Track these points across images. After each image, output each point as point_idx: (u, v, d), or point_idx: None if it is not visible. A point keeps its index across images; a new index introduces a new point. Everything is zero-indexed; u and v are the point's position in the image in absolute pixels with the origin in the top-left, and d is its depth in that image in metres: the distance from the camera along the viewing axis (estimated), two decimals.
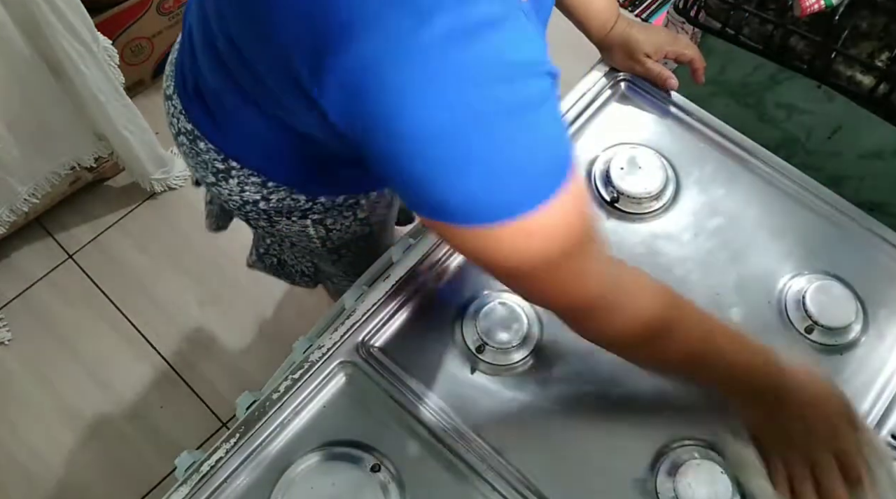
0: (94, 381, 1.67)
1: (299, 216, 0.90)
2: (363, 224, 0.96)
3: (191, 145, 0.86)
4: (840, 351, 0.81)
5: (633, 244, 0.86)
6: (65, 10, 1.37)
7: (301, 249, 1.05)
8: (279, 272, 1.22)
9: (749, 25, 0.98)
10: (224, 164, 0.84)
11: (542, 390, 0.78)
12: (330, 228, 0.94)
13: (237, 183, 0.86)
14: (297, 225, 0.92)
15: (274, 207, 0.88)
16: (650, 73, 0.94)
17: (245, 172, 0.84)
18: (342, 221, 0.94)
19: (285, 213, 0.89)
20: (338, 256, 1.03)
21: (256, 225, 0.96)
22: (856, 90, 0.94)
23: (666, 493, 0.73)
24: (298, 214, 0.90)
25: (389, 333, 0.80)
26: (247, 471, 0.73)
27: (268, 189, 0.85)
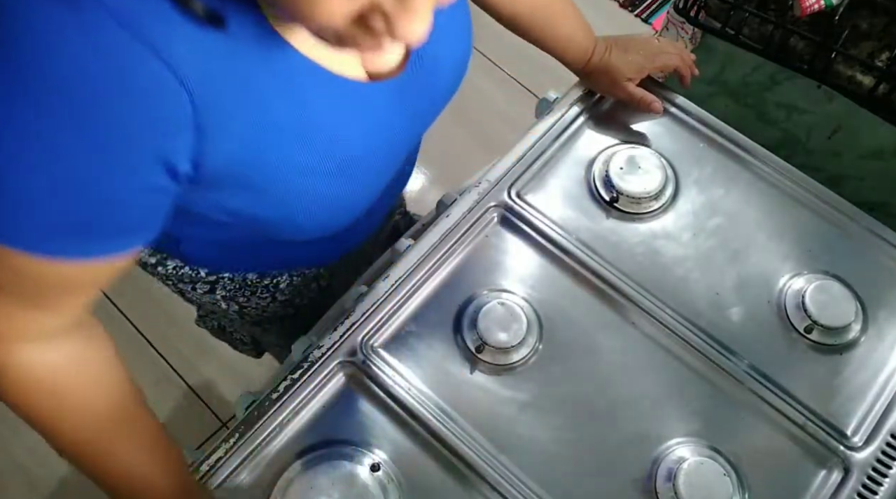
0: None
1: (206, 290, 0.85)
2: (286, 305, 0.90)
3: None
4: (840, 351, 0.81)
5: (633, 244, 0.86)
6: None
7: (224, 323, 0.98)
8: (221, 337, 1.16)
9: (749, 25, 0.98)
10: None
11: (541, 390, 0.78)
12: (244, 305, 0.88)
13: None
14: (207, 298, 0.86)
15: (174, 273, 0.83)
16: (633, 98, 0.91)
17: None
18: (258, 301, 0.88)
19: (188, 281, 0.84)
20: (263, 329, 0.97)
21: (174, 292, 0.89)
22: (856, 90, 0.94)
23: (666, 493, 0.73)
24: (204, 286, 0.84)
25: (389, 333, 0.80)
26: (246, 471, 0.73)
27: (161, 253, 0.81)
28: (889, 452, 0.76)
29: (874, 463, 0.75)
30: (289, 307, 0.92)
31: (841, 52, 0.92)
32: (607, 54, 0.90)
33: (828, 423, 0.77)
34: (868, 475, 0.75)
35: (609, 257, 0.85)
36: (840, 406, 0.78)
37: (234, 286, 0.86)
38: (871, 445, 0.76)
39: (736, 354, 0.80)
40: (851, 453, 0.76)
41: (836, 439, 0.76)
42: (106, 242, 0.50)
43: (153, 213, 0.51)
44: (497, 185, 0.87)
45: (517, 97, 2.04)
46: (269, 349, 1.16)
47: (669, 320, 0.81)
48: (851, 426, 0.77)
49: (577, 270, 0.84)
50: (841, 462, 0.75)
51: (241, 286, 0.86)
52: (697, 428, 0.77)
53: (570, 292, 0.83)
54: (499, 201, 0.87)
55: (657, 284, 0.83)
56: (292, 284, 0.88)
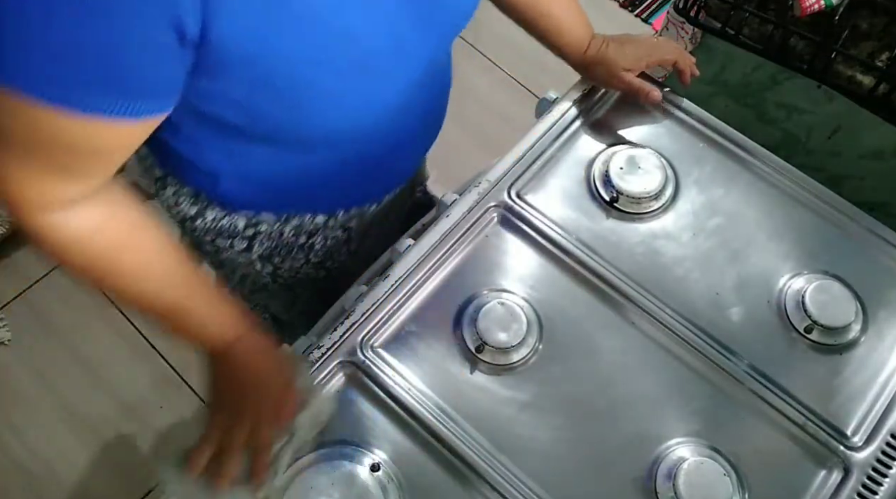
0: (94, 381, 1.67)
1: (243, 247, 0.86)
2: (318, 267, 0.92)
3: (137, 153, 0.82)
4: (840, 351, 0.81)
5: (633, 244, 0.86)
6: None
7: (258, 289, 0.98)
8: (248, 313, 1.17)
9: (749, 25, 0.98)
10: (161, 170, 0.82)
11: (541, 390, 0.78)
12: (278, 265, 0.89)
13: (173, 193, 0.83)
14: (243, 257, 0.88)
15: (212, 227, 0.84)
16: (631, 87, 0.91)
17: (178, 178, 0.81)
18: (292, 262, 0.89)
19: (227, 236, 0.85)
20: (294, 295, 0.98)
21: (205, 253, 0.90)
22: (856, 90, 0.94)
23: (666, 493, 0.73)
24: (242, 241, 0.85)
25: (389, 333, 0.80)
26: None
27: (202, 202, 0.82)
28: (889, 452, 0.76)
29: (874, 463, 0.75)
30: (320, 269, 0.93)
31: (841, 52, 0.92)
32: (604, 47, 0.90)
33: (828, 423, 0.77)
34: (868, 475, 0.75)
35: (609, 257, 0.85)
36: (840, 406, 0.78)
37: (271, 244, 0.87)
38: (871, 445, 0.76)
39: (736, 354, 0.80)
40: (851, 453, 0.76)
41: (836, 439, 0.76)
42: (131, 102, 0.53)
43: (169, 76, 0.53)
44: (497, 185, 0.87)
45: (517, 97, 2.03)
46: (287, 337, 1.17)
47: (669, 320, 0.81)
48: (851, 426, 0.77)
49: (577, 270, 0.84)
50: (841, 462, 0.75)
51: (277, 245, 0.87)
52: (697, 428, 0.77)
53: (570, 292, 0.83)
54: (499, 201, 0.86)
55: (657, 284, 0.83)
56: (326, 245, 0.90)
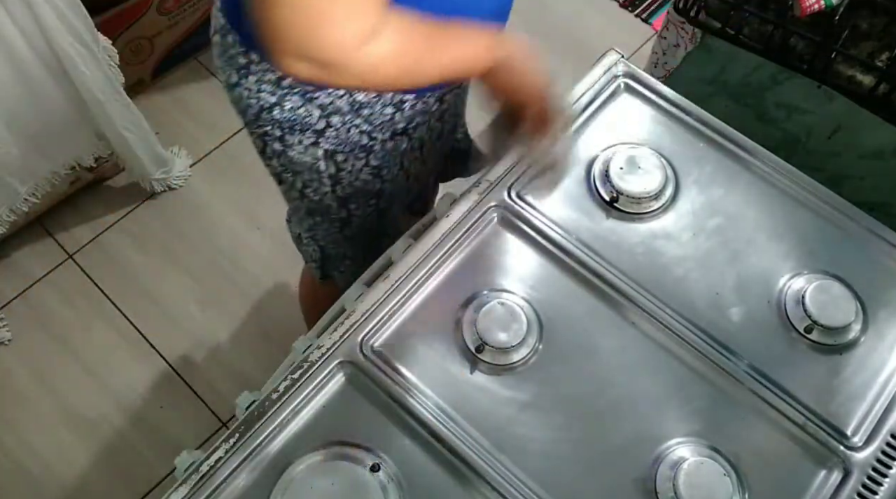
0: (94, 381, 1.67)
1: (311, 141, 0.91)
2: (375, 175, 0.97)
3: (222, 41, 0.89)
4: (840, 351, 0.81)
5: (633, 244, 0.86)
6: (65, 10, 1.37)
7: (313, 208, 1.05)
8: (298, 246, 1.23)
9: (749, 25, 0.98)
10: (245, 57, 0.86)
11: (542, 390, 0.78)
12: (341, 166, 0.95)
13: (255, 80, 0.87)
14: (309, 154, 0.93)
15: (287, 118, 0.89)
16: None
17: (263, 66, 0.86)
18: (353, 162, 0.95)
19: (299, 128, 0.90)
20: (347, 213, 1.03)
21: (272, 156, 0.97)
22: (856, 90, 0.95)
23: (666, 493, 0.73)
24: (311, 135, 0.91)
25: (389, 333, 0.80)
26: (246, 471, 0.73)
27: (283, 90, 0.86)
28: (889, 452, 0.76)
29: (874, 463, 0.75)
30: (377, 179, 0.99)
31: (841, 52, 0.92)
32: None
33: (828, 423, 0.77)
34: (868, 475, 0.75)
35: (609, 257, 0.85)
36: (840, 406, 0.78)
37: (337, 141, 0.91)
38: (871, 445, 0.76)
39: (736, 354, 0.80)
40: (851, 453, 0.76)
41: (836, 439, 0.76)
42: None
43: None
44: (497, 185, 0.87)
45: None
46: (334, 270, 1.21)
47: (669, 320, 0.81)
48: (851, 426, 0.77)
49: (577, 270, 0.84)
50: (841, 462, 0.75)
51: (343, 142, 0.91)
52: (697, 428, 0.77)
53: (570, 292, 0.83)
54: (499, 201, 0.87)
55: (657, 284, 0.83)
56: (384, 149, 0.95)
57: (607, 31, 2.16)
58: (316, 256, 1.18)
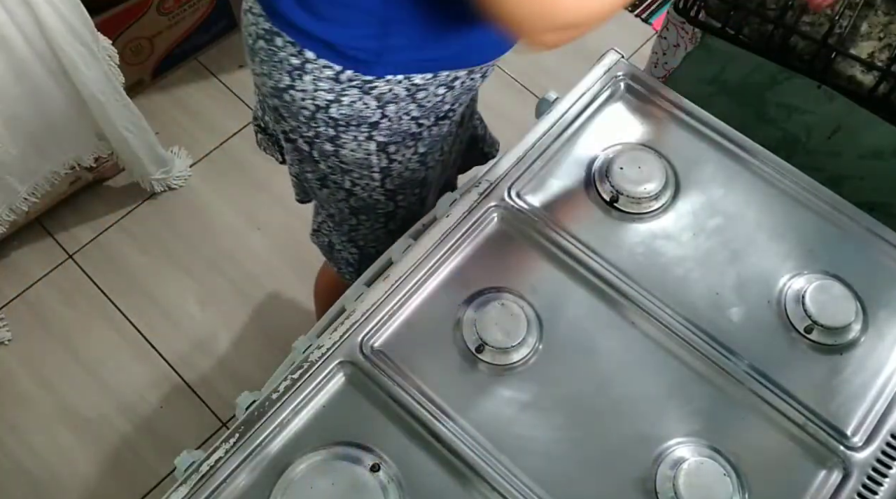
0: (94, 381, 1.67)
1: (365, 135, 0.92)
2: (421, 163, 1.00)
3: (268, 46, 0.89)
4: (840, 351, 0.81)
5: (633, 244, 0.86)
6: (65, 10, 1.37)
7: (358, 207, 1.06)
8: (330, 256, 1.24)
9: (749, 25, 0.98)
10: (299, 58, 0.87)
11: (541, 390, 0.78)
12: (392, 156, 0.96)
13: (311, 80, 0.88)
14: (362, 149, 0.94)
15: (344, 114, 0.90)
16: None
17: (320, 62, 0.86)
18: (404, 151, 0.97)
19: (354, 124, 0.91)
20: (394, 206, 1.05)
21: (320, 159, 0.98)
22: (856, 90, 0.95)
23: (666, 493, 0.73)
24: (366, 128, 0.92)
25: (389, 333, 0.80)
26: (246, 471, 0.73)
27: (341, 85, 0.87)
28: (889, 452, 0.76)
29: (874, 463, 0.75)
30: (422, 166, 1.01)
31: (841, 52, 0.92)
32: None
33: (828, 423, 0.77)
34: (868, 475, 0.75)
35: (609, 257, 0.85)
36: (840, 406, 0.78)
37: (390, 131, 0.93)
38: (871, 445, 0.76)
39: (736, 354, 0.80)
40: (851, 453, 0.76)
41: (836, 439, 0.76)
42: None
43: None
44: (497, 185, 0.87)
45: (517, 97, 2.04)
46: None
47: (669, 320, 0.81)
48: (851, 426, 0.77)
49: (576, 270, 0.84)
50: (841, 462, 0.75)
51: (395, 132, 0.93)
52: (697, 428, 0.77)
53: (570, 292, 0.83)
54: (499, 201, 0.87)
55: (657, 284, 0.83)
56: (431, 136, 0.97)
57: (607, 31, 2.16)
58: (353, 259, 1.19)
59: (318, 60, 0.87)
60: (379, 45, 0.85)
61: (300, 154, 1.01)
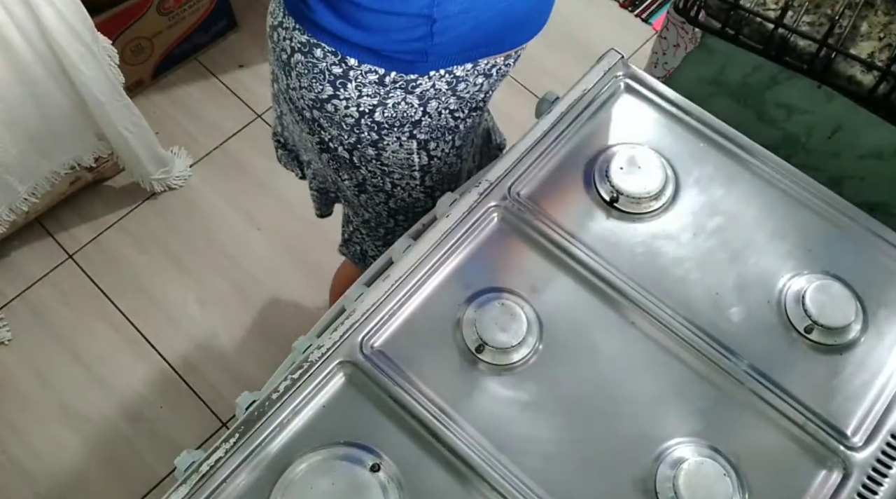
0: (94, 381, 1.67)
1: (408, 135, 0.94)
2: (457, 156, 1.03)
3: (307, 59, 0.89)
4: (840, 351, 0.81)
5: (633, 244, 0.86)
6: (65, 10, 1.38)
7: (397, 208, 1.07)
8: (362, 264, 1.24)
9: (749, 25, 0.98)
10: (341, 66, 0.87)
11: (541, 390, 0.78)
12: (432, 153, 0.98)
13: (355, 86, 0.88)
14: (404, 149, 0.95)
15: (388, 116, 0.91)
16: None
17: (363, 68, 0.87)
18: (443, 146, 0.99)
19: (397, 125, 0.92)
20: (432, 203, 1.05)
21: (360, 164, 0.99)
22: (856, 90, 0.95)
23: (666, 493, 0.73)
24: (409, 127, 0.93)
25: (389, 333, 0.80)
26: (246, 471, 0.73)
27: (385, 88, 0.88)
28: (889, 452, 0.76)
29: (874, 463, 0.75)
30: (458, 159, 1.04)
31: (841, 52, 0.92)
32: None
33: (828, 423, 0.77)
34: (868, 475, 0.75)
35: (609, 257, 0.85)
36: (840, 406, 0.78)
37: (430, 128, 0.95)
38: (871, 445, 0.76)
39: (736, 354, 0.80)
40: (851, 453, 0.76)
41: (836, 439, 0.76)
42: None
43: None
44: (497, 185, 0.87)
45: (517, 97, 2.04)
46: None
47: (669, 320, 0.81)
48: (851, 426, 0.77)
49: (576, 270, 0.84)
50: (841, 462, 0.75)
51: (435, 128, 0.95)
52: (697, 428, 0.77)
53: (570, 292, 0.83)
54: (499, 201, 0.87)
55: (657, 284, 0.83)
56: (466, 127, 1.00)
57: (607, 31, 2.17)
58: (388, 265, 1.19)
59: (361, 66, 0.87)
60: (425, 44, 0.85)
61: (338, 162, 1.02)
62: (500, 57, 0.94)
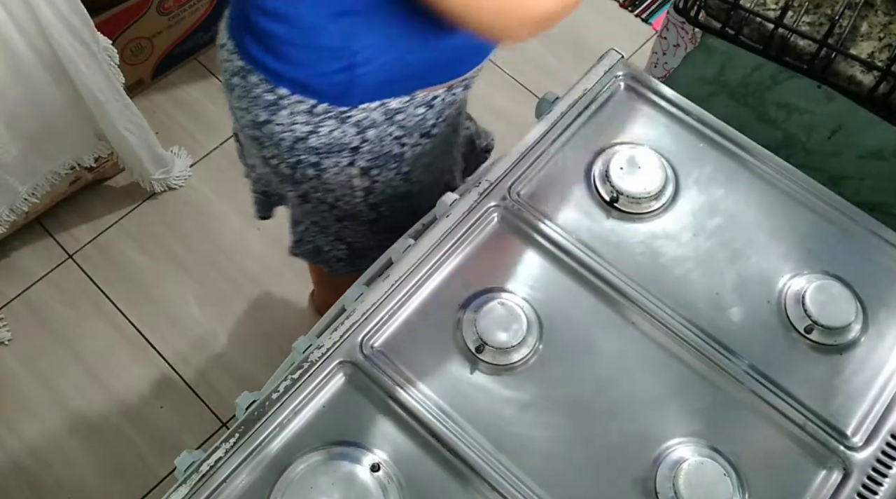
0: (94, 381, 1.67)
1: (348, 161, 0.92)
2: (405, 180, 0.99)
3: (243, 83, 0.89)
4: (840, 351, 0.81)
5: (633, 244, 0.86)
6: (65, 10, 1.37)
7: (342, 216, 1.06)
8: (317, 259, 1.23)
9: (749, 25, 0.98)
10: (273, 94, 0.87)
11: (541, 390, 0.78)
12: (375, 178, 0.96)
13: (288, 114, 0.88)
14: (345, 174, 0.94)
15: (324, 142, 0.90)
16: None
17: (294, 98, 0.86)
18: (386, 173, 0.97)
19: (335, 151, 0.91)
20: (377, 215, 1.05)
21: (302, 180, 0.97)
22: (856, 90, 0.95)
23: (666, 493, 0.73)
24: (348, 154, 0.92)
25: (389, 333, 0.80)
26: (246, 471, 0.73)
27: (316, 117, 0.87)
28: (889, 452, 0.76)
29: (874, 463, 0.75)
30: (407, 182, 1.02)
31: (841, 52, 0.92)
32: None
33: (828, 423, 0.77)
34: (868, 475, 0.75)
35: (609, 257, 0.85)
36: (840, 406, 0.78)
37: (372, 155, 0.93)
38: (871, 445, 0.76)
39: (736, 354, 0.80)
40: (851, 453, 0.76)
41: (836, 439, 0.76)
42: None
43: None
44: (497, 185, 0.87)
45: (517, 97, 2.04)
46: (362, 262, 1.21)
47: (669, 320, 0.81)
48: (851, 426, 0.77)
49: (577, 270, 0.84)
50: (841, 462, 0.75)
51: (378, 155, 0.94)
52: (697, 428, 0.77)
53: (570, 292, 0.83)
54: (499, 201, 0.87)
55: (657, 284, 0.83)
56: (413, 154, 0.97)
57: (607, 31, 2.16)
58: (343, 254, 1.19)
59: (291, 96, 0.87)
60: (348, 77, 0.84)
61: (280, 176, 1.01)
62: (440, 88, 0.92)
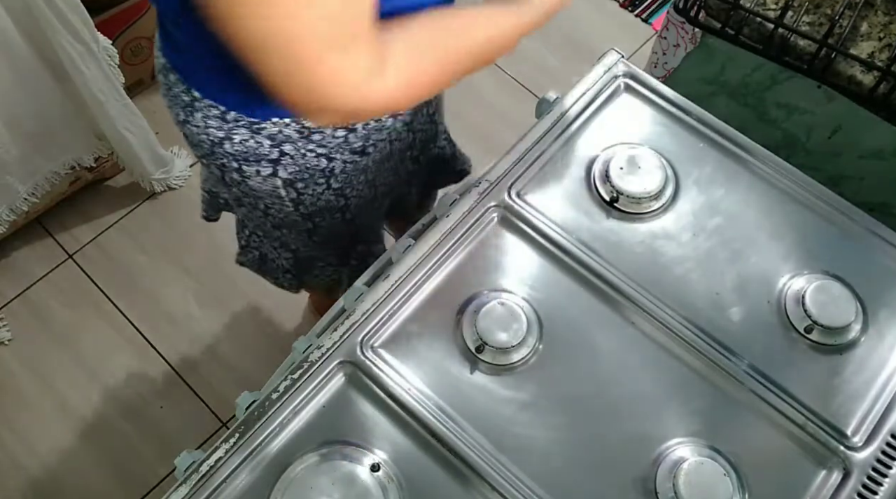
0: (94, 381, 1.67)
1: (269, 172, 0.89)
2: (338, 194, 0.96)
3: (165, 81, 0.87)
4: (840, 351, 0.81)
5: (633, 244, 0.86)
6: (65, 9, 1.38)
7: (278, 223, 1.02)
8: (262, 269, 1.21)
9: (749, 25, 0.98)
10: (188, 95, 0.84)
11: (541, 390, 0.78)
12: (301, 191, 0.93)
13: (202, 117, 0.85)
14: (269, 184, 0.91)
15: (239, 150, 0.86)
16: None
17: (206, 102, 0.83)
18: (314, 187, 0.93)
19: (253, 159, 0.87)
20: (313, 225, 1.01)
21: (231, 184, 0.94)
22: (856, 90, 0.95)
23: (666, 493, 0.73)
24: (267, 166, 0.88)
25: (389, 333, 0.80)
26: (246, 471, 0.73)
27: (228, 124, 0.84)
28: (889, 452, 0.76)
29: (874, 463, 0.75)
30: (340, 197, 0.97)
31: (841, 52, 0.92)
32: None
33: (828, 423, 0.77)
34: (868, 475, 0.75)
35: (609, 257, 0.85)
36: (840, 406, 0.78)
37: (296, 169, 0.89)
38: (871, 445, 0.76)
39: (736, 354, 0.80)
40: (851, 453, 0.76)
41: (836, 439, 0.76)
42: None
43: None
44: (497, 185, 0.87)
45: (517, 97, 2.04)
46: (306, 281, 1.20)
47: (669, 320, 0.81)
48: (851, 426, 0.77)
49: (577, 270, 0.84)
50: (841, 462, 0.75)
51: (301, 169, 0.89)
52: (697, 428, 0.77)
53: (570, 292, 0.83)
54: (499, 201, 0.87)
55: (657, 284, 0.83)
56: (345, 169, 0.92)
57: (607, 31, 2.17)
58: (289, 263, 1.17)
59: (203, 100, 0.83)
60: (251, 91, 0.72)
61: (213, 177, 0.99)
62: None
